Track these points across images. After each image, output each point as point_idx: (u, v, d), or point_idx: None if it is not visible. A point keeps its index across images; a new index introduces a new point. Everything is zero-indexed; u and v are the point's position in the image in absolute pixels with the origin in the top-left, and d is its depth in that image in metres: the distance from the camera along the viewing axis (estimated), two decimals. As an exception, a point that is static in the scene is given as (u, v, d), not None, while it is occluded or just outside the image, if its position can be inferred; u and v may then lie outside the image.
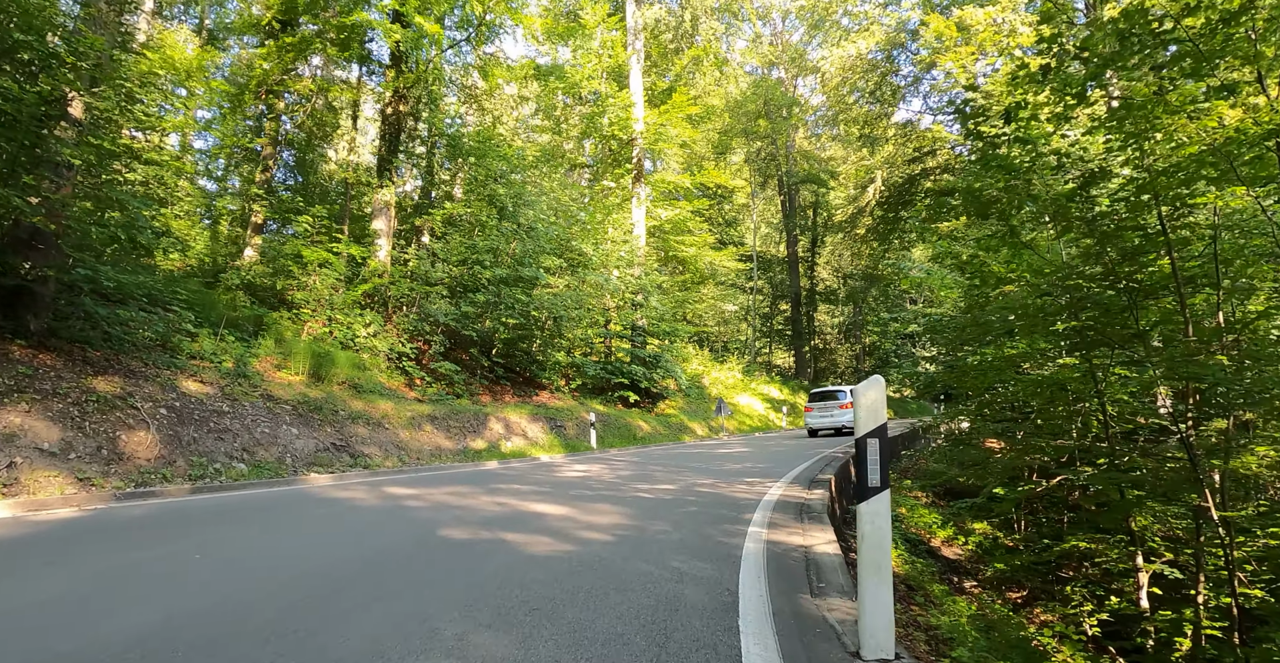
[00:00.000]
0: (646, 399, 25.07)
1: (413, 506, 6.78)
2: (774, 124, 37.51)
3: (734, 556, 4.45)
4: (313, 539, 5.11)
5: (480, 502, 7.04)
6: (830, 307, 49.52)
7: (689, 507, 6.70)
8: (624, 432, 20.52)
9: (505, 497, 7.47)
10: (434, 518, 5.95)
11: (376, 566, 4.16)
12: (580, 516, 6.12)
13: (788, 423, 30.44)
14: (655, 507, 6.71)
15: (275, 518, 6.17)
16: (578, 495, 7.60)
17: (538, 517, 6.04)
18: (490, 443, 14.82)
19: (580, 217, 22.72)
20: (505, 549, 4.62)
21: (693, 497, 7.48)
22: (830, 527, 5.44)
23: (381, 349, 15.67)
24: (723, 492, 7.96)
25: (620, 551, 4.59)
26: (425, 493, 7.81)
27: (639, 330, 24.28)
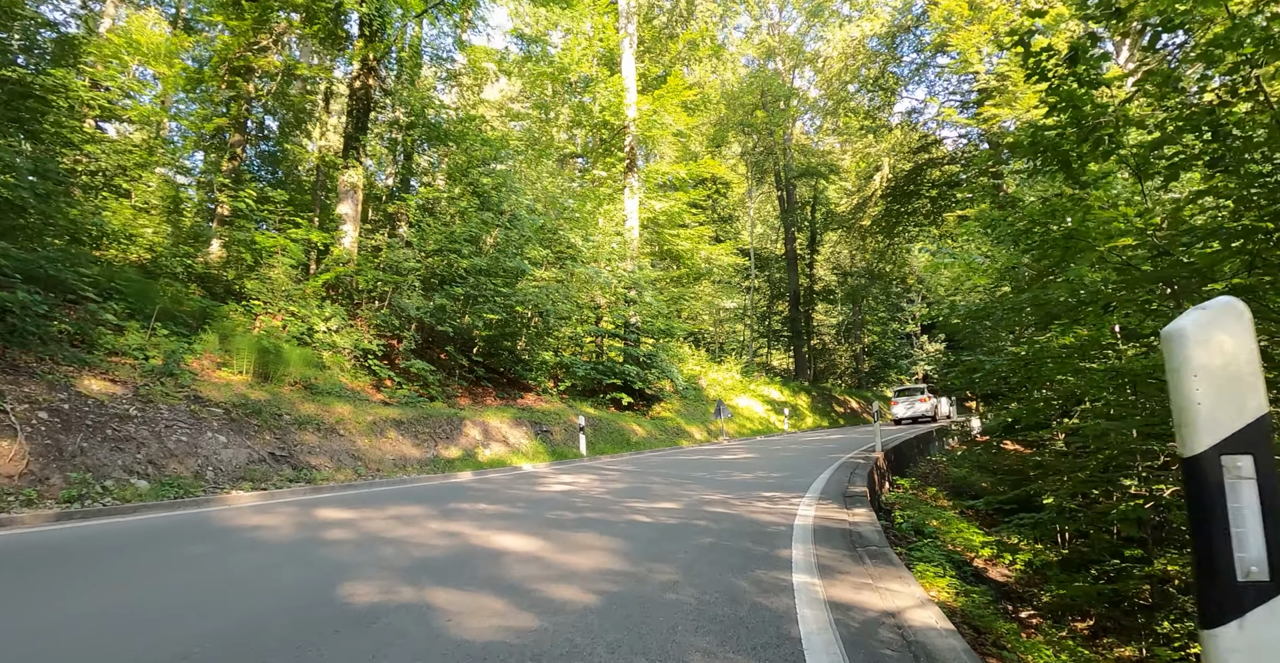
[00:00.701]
0: (641, 402, 23.41)
1: (334, 539, 5.10)
2: (771, 116, 35.94)
3: (788, 636, 2.80)
4: (129, 608, 3.42)
5: (427, 531, 5.36)
6: (829, 306, 47.94)
7: (701, 537, 5.04)
8: (617, 437, 18.84)
9: (463, 522, 5.80)
10: (350, 561, 4.27)
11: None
12: (554, 554, 4.45)
13: (790, 425, 28.80)
14: (656, 538, 5.04)
15: (123, 562, 4.47)
16: (556, 520, 5.93)
17: (494, 557, 4.36)
18: (465, 451, 13.12)
19: (569, 205, 21.06)
20: (422, 628, 2.95)
21: (703, 520, 5.82)
22: (909, 573, 3.79)
23: (344, 346, 13.97)
24: (739, 512, 6.30)
25: (606, 630, 2.92)
26: (363, 517, 6.13)
27: (632, 328, 22.63)
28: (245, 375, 11.53)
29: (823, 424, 32.40)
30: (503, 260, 17.23)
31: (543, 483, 9.74)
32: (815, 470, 10.63)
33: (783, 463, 12.47)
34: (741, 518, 5.92)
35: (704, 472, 11.02)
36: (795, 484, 8.73)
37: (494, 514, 6.34)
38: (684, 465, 12.64)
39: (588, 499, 7.49)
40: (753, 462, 13.01)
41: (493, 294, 16.80)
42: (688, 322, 31.34)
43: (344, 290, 15.38)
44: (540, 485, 9.36)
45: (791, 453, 15.27)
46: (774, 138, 37.40)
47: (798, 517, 5.87)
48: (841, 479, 9.07)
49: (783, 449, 16.90)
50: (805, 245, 42.02)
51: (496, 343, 19.20)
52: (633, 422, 20.69)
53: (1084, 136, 6.55)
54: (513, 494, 8.16)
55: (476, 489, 8.96)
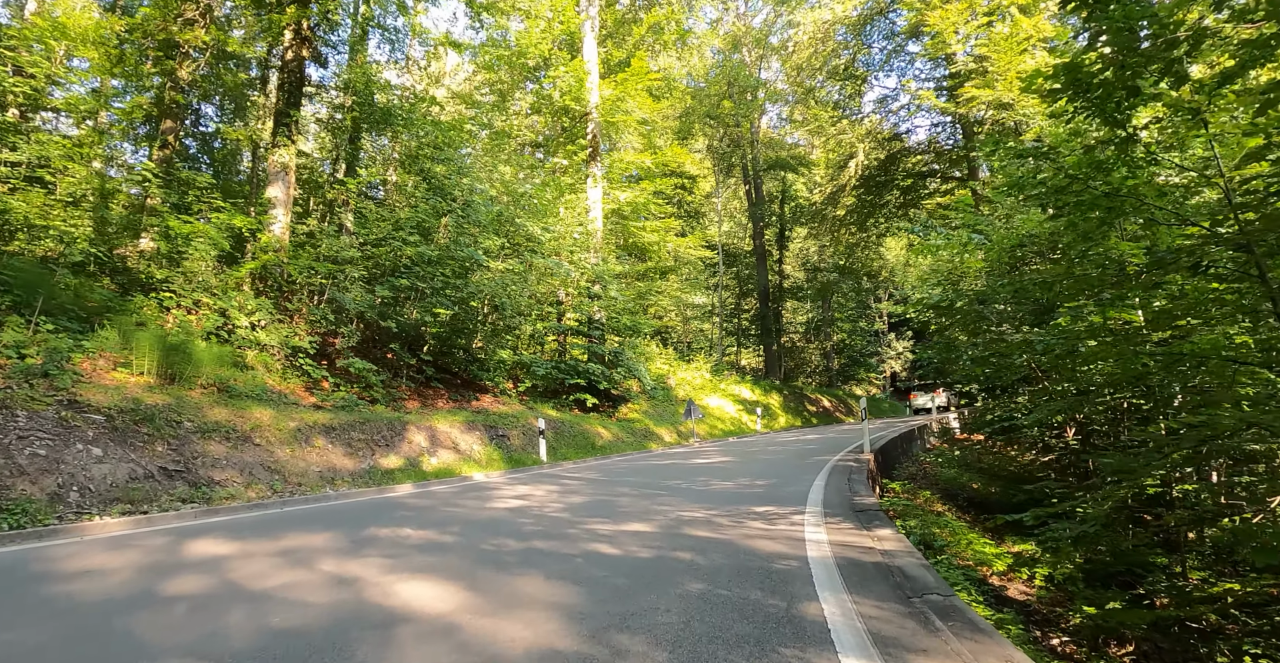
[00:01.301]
0: (607, 402, 22.03)
1: (171, 593, 3.65)
2: (738, 107, 34.80)
3: None
4: None
5: (314, 577, 3.94)
6: (797, 304, 47.00)
7: (686, 580, 3.69)
8: (581, 440, 17.43)
9: (370, 560, 4.38)
10: (156, 646, 2.84)
11: None
12: (478, 618, 3.07)
13: (763, 426, 27.62)
14: (625, 585, 3.68)
15: None
16: (494, 554, 4.54)
17: (385, 630, 2.96)
18: (408, 460, 11.62)
19: (526, 191, 19.57)
20: None
21: (686, 551, 4.46)
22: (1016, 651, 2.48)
23: (272, 343, 12.37)
24: (731, 537, 4.96)
25: None
26: (242, 554, 4.68)
27: (596, 325, 21.23)
28: (147, 376, 9.92)
29: (795, 424, 31.31)
30: (454, 250, 15.73)
31: (492, 497, 8.32)
32: (805, 476, 9.36)
33: (765, 467, 11.18)
34: (736, 547, 4.58)
35: (679, 479, 9.69)
36: (789, 494, 7.43)
37: (417, 545, 4.93)
38: (655, 472, 11.29)
39: (540, 520, 6.10)
40: (732, 466, 11.71)
41: (443, 286, 15.30)
42: (655, 319, 30.03)
43: (274, 283, 13.76)
44: (488, 500, 7.94)
45: (771, 456, 14.01)
46: (740, 130, 36.28)
47: (808, 543, 4.56)
48: (840, 486, 7.80)
49: (760, 451, 15.64)
50: (774, 241, 40.99)
51: (450, 341, 17.67)
52: (598, 424, 19.30)
53: (1145, 62, 5.33)
54: (450, 514, 6.73)
55: (410, 507, 7.51)
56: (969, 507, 13.66)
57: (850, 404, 40.99)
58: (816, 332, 47.09)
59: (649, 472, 11.46)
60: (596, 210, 23.42)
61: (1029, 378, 11.08)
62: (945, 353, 13.60)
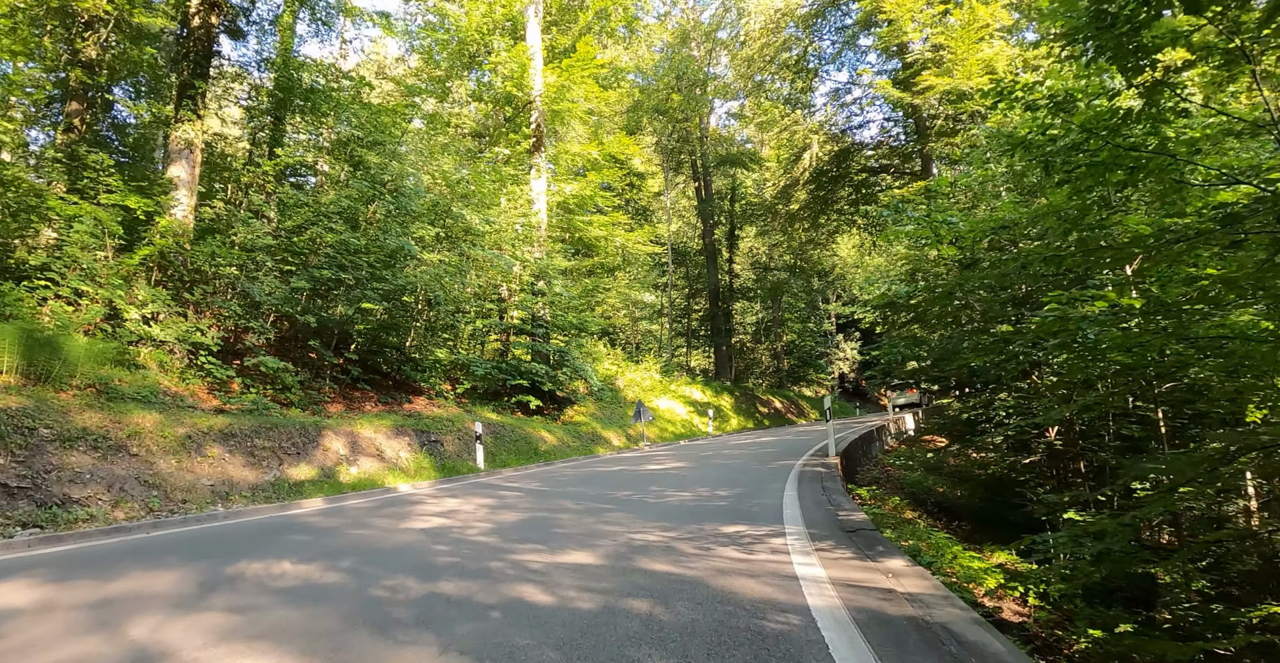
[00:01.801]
0: (551, 405, 20.85)
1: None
2: (687, 101, 33.97)
3: None
4: None
5: (103, 652, 2.74)
6: (747, 304, 46.39)
7: (645, 657, 2.61)
8: (522, 445, 16.24)
9: (209, 616, 3.20)
10: None
11: None
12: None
13: (714, 428, 26.73)
14: (556, 652, 2.59)
15: None
16: (381, 604, 3.40)
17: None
18: (323, 469, 10.30)
19: (463, 176, 18.24)
20: None
21: (642, 599, 3.39)
22: None
23: (169, 339, 10.90)
24: (699, 573, 3.91)
25: None
26: (44, 603, 3.46)
27: (540, 322, 20.04)
28: (6, 376, 8.44)
29: (748, 426, 30.54)
30: (383, 240, 14.40)
31: (411, 513, 7.13)
32: (771, 484, 8.39)
33: (725, 474, 10.18)
34: (709, 590, 3.51)
35: (630, 489, 8.61)
36: (760, 509, 6.42)
37: (286, 590, 3.75)
38: (603, 481, 10.20)
39: (460, 547, 4.96)
40: (688, 474, 10.68)
41: (370, 279, 13.96)
42: (602, 318, 28.93)
43: (175, 272, 12.24)
44: (405, 518, 6.75)
45: (729, 461, 13.04)
46: (689, 125, 35.45)
47: (804, 582, 3.53)
48: (816, 497, 6.83)
49: (716, 456, 14.68)
50: (724, 240, 40.25)
51: (380, 339, 16.29)
52: (542, 428, 18.12)
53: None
54: (353, 539, 5.54)
55: (309, 529, 6.28)
56: (938, 512, 12.91)
57: (801, 405, 40.51)
58: (767, 332, 46.58)
59: (596, 480, 10.36)
60: (540, 203, 22.23)
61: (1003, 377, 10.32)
62: (909, 349, 12.83)
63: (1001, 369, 9.60)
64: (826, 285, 50.58)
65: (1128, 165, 5.04)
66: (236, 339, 13.05)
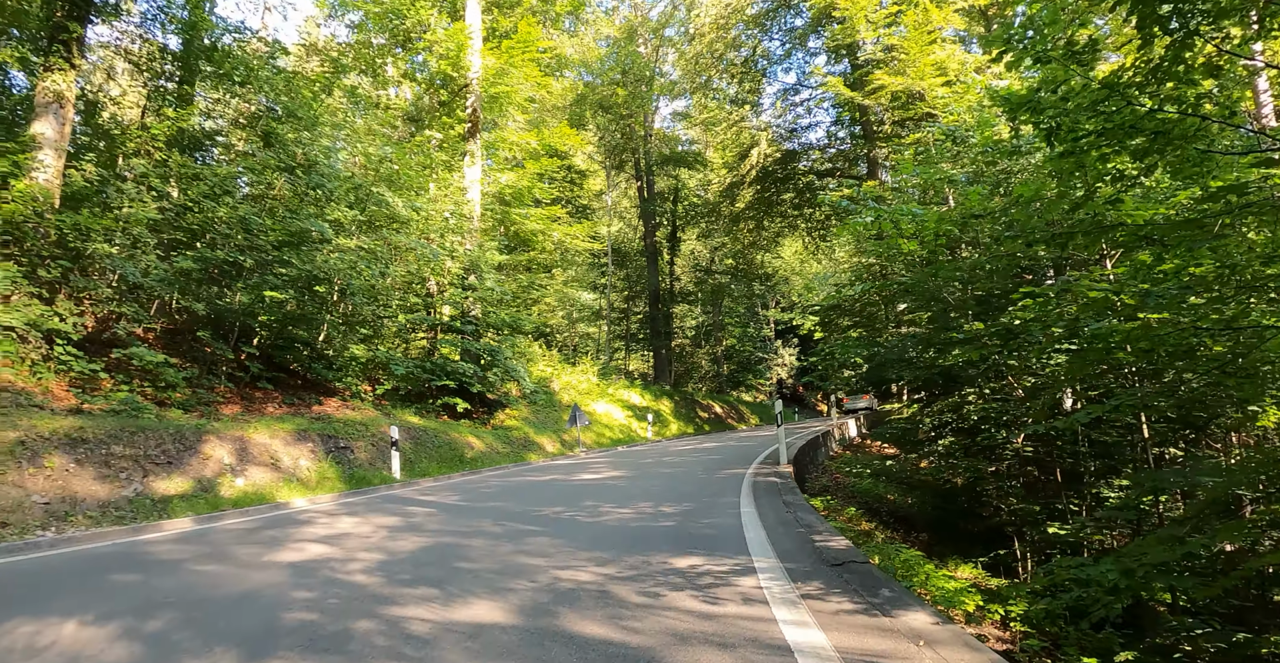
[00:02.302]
0: (481, 408, 19.41)
1: None
2: (633, 96, 32.91)
3: None
4: None
5: None
6: (687, 308, 45.53)
7: None
8: (446, 452, 14.79)
9: None
10: None
11: None
12: None
13: (654, 433, 25.59)
14: None
15: None
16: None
17: None
18: (202, 482, 8.74)
19: (386, 154, 16.65)
20: None
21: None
22: None
23: (13, 324, 9.16)
24: (648, 640, 2.71)
25: None
26: None
27: (470, 320, 18.59)
28: None
29: (688, 431, 29.51)
30: (291, 221, 12.81)
31: (290, 538, 5.74)
32: (723, 497, 7.25)
33: (669, 485, 9.00)
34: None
35: (561, 505, 7.36)
36: (715, 531, 5.27)
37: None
38: (532, 493, 8.91)
39: (327, 594, 3.64)
40: (627, 484, 9.46)
41: (272, 262, 12.37)
42: (538, 316, 27.50)
43: (31, 245, 10.44)
44: (279, 546, 5.37)
45: (673, 469, 11.88)
46: (634, 121, 34.38)
47: (802, 658, 2.36)
48: (780, 514, 5.72)
49: (657, 463, 13.52)
50: (665, 241, 39.25)
51: (289, 333, 14.62)
52: (469, 433, 16.68)
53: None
54: (190, 581, 4.16)
55: (144, 565, 4.85)
56: (893, 522, 12.03)
57: (742, 410, 39.78)
58: (707, 336, 45.81)
59: (523, 493, 9.07)
60: (474, 192, 20.77)
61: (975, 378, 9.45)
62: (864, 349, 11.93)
63: (973, 370, 8.72)
64: (767, 290, 50.10)
65: (1151, 129, 4.07)
66: (110, 328, 11.29)
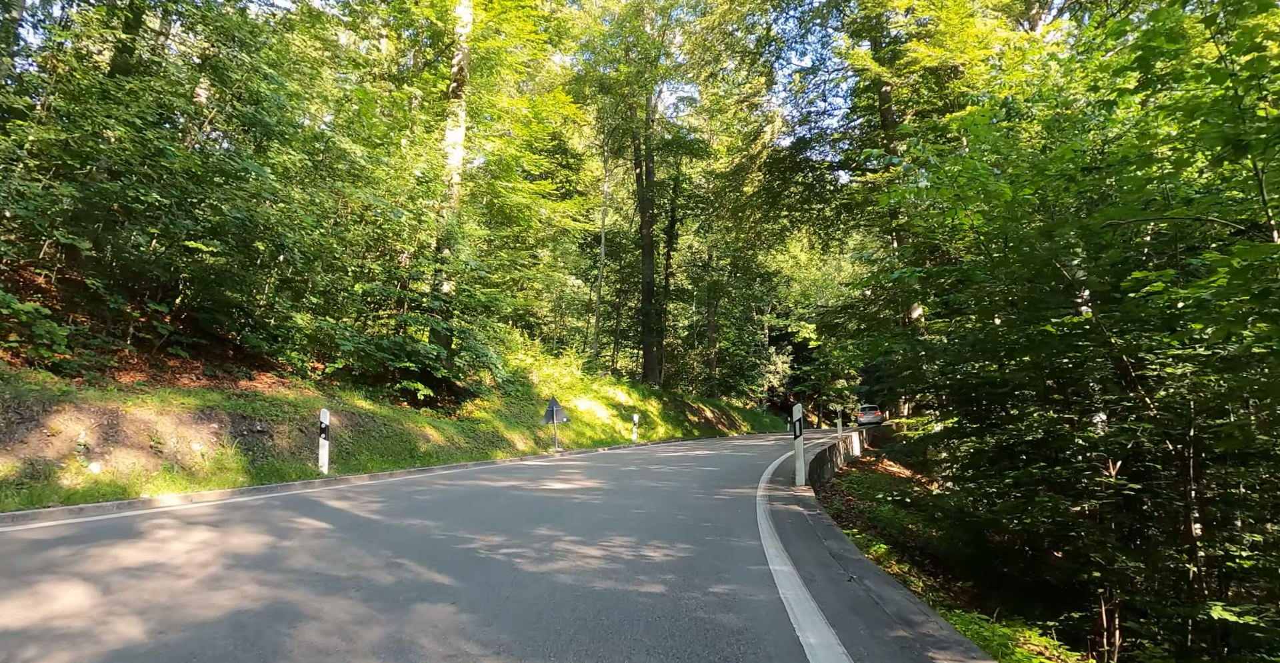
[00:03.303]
0: (448, 396, 17.19)
1: None
2: (636, 75, 30.72)
3: None
4: None
5: None
6: (683, 305, 43.30)
7: None
8: (395, 444, 12.58)
9: None
10: None
11: None
12: None
13: (639, 436, 23.38)
14: None
15: None
16: None
17: None
18: (35, 465, 6.50)
19: (346, 91, 14.39)
20: None
21: None
22: None
23: None
24: None
25: None
26: None
27: (441, 296, 16.38)
28: None
29: (676, 435, 27.29)
30: (221, 160, 10.58)
31: (58, 569, 3.53)
32: (734, 537, 5.08)
33: (657, 509, 6.81)
34: None
35: (504, 532, 5.16)
36: (738, 619, 3.11)
37: None
38: (475, 508, 6.72)
39: None
40: (602, 503, 7.27)
41: (195, 203, 10.14)
42: (523, 300, 25.23)
43: None
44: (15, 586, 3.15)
45: (661, 482, 9.69)
46: (636, 100, 32.18)
47: None
48: (837, 582, 3.55)
49: (642, 472, 11.33)
50: (662, 233, 37.03)
51: (220, 295, 12.36)
52: (427, 424, 14.47)
53: None
54: None
55: None
56: (925, 562, 9.87)
57: (733, 416, 37.62)
58: (700, 337, 43.59)
59: (465, 506, 6.87)
60: (455, 157, 18.57)
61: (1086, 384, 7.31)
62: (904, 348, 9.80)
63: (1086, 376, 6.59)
64: (768, 291, 47.99)
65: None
66: None
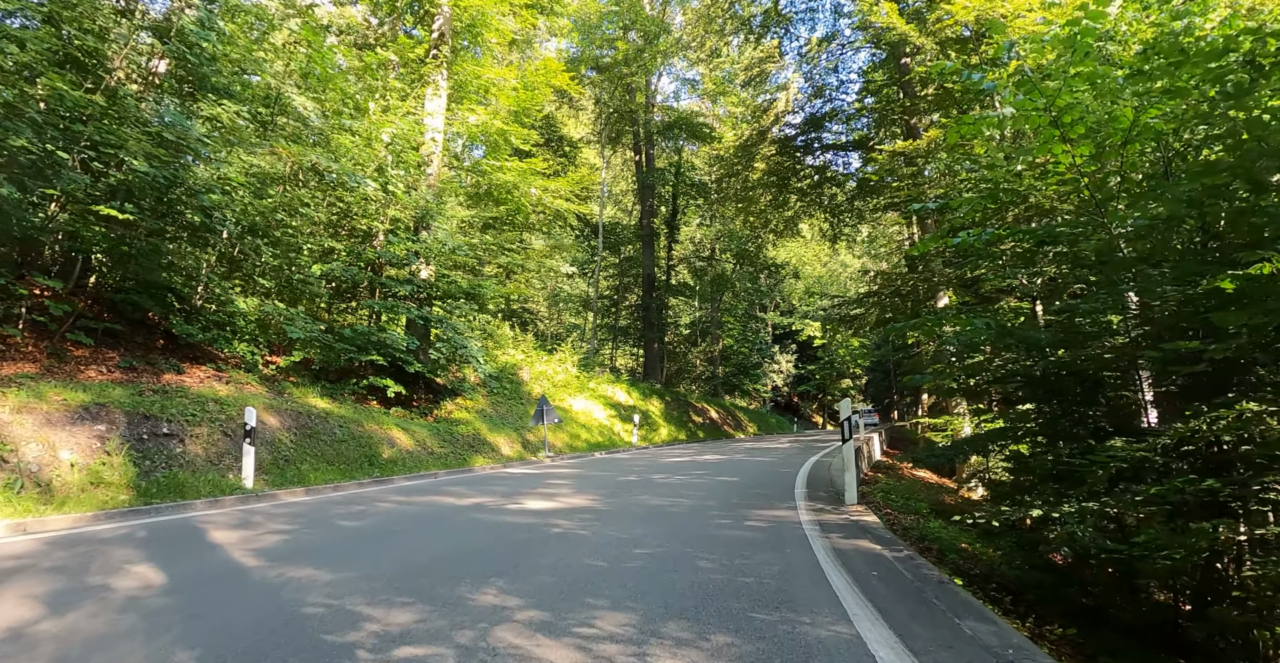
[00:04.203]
0: (426, 394, 15.25)
1: None
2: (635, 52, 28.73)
3: None
4: None
5: None
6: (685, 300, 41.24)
7: None
8: (351, 450, 10.62)
9: None
10: None
11: None
12: None
13: (640, 438, 21.39)
14: None
15: None
16: None
17: None
18: None
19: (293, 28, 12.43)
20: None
21: None
22: None
23: None
24: None
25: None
26: None
27: (417, 282, 14.44)
28: None
29: (680, 437, 25.27)
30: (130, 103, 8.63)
31: None
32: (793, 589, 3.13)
33: (668, 541, 4.83)
34: None
35: (426, 599, 3.19)
36: None
37: None
38: (410, 543, 4.74)
39: None
40: (590, 529, 5.28)
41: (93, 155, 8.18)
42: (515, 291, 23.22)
43: None
44: None
45: (669, 501, 7.71)
46: (634, 79, 30.19)
47: None
48: None
49: (644, 484, 9.35)
50: (663, 225, 35.04)
51: (140, 271, 10.35)
52: (395, 426, 12.51)
53: None
54: None
55: None
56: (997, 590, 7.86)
57: (739, 417, 35.61)
58: (703, 334, 41.58)
59: (399, 539, 4.89)
60: (435, 128, 16.63)
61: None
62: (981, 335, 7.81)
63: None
64: (774, 285, 46.04)
65: None
66: None
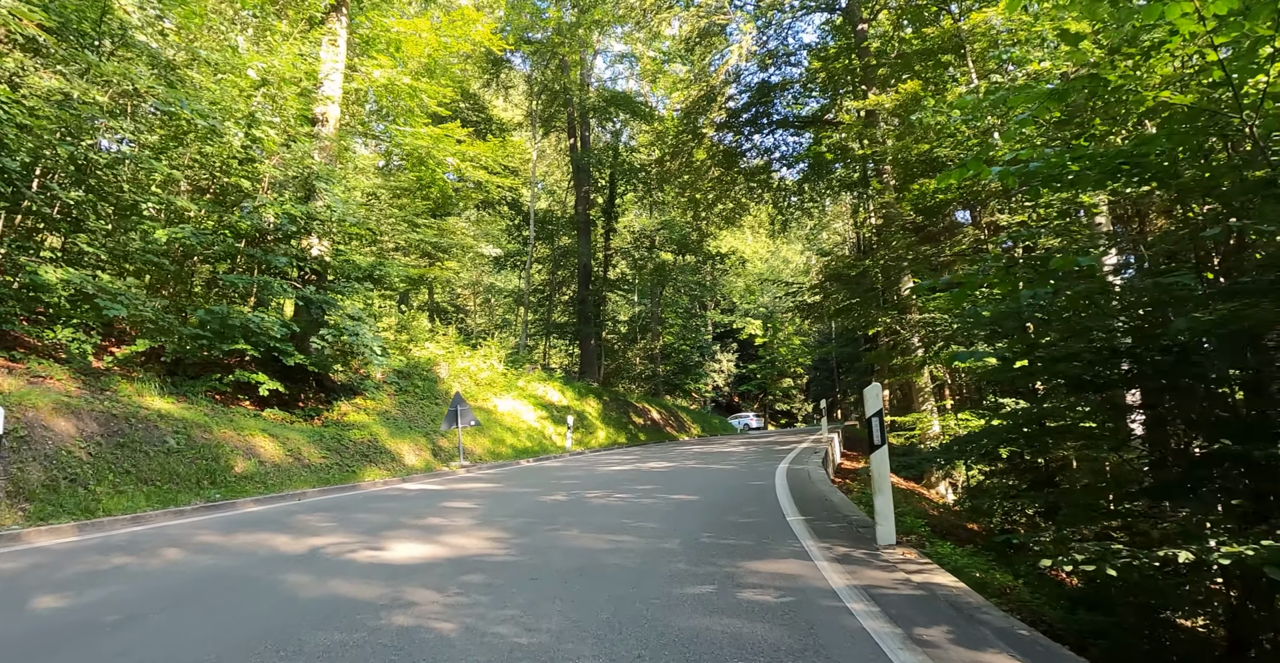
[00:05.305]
0: (315, 393, 12.75)
1: None
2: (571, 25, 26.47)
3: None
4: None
5: None
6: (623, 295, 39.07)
7: None
8: (185, 466, 8.10)
9: None
10: None
11: None
12: None
13: (575, 441, 19.08)
14: None
15: None
16: None
17: None
18: None
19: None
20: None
21: None
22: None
23: None
24: None
25: None
26: None
27: (297, 253, 11.91)
28: None
29: (619, 440, 23.00)
30: None
31: None
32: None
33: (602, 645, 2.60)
34: None
35: None
36: None
37: None
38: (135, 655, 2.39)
39: None
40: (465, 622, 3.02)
41: None
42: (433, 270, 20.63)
43: None
44: None
45: (603, 534, 5.46)
46: (569, 55, 27.90)
47: None
48: None
49: (572, 507, 7.08)
50: (600, 214, 32.79)
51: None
52: (258, 432, 9.98)
53: None
54: None
55: None
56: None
57: (682, 418, 33.58)
58: (643, 330, 39.43)
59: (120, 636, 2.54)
60: (333, 85, 14.08)
61: None
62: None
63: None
64: (717, 278, 44.34)
65: None
66: None
